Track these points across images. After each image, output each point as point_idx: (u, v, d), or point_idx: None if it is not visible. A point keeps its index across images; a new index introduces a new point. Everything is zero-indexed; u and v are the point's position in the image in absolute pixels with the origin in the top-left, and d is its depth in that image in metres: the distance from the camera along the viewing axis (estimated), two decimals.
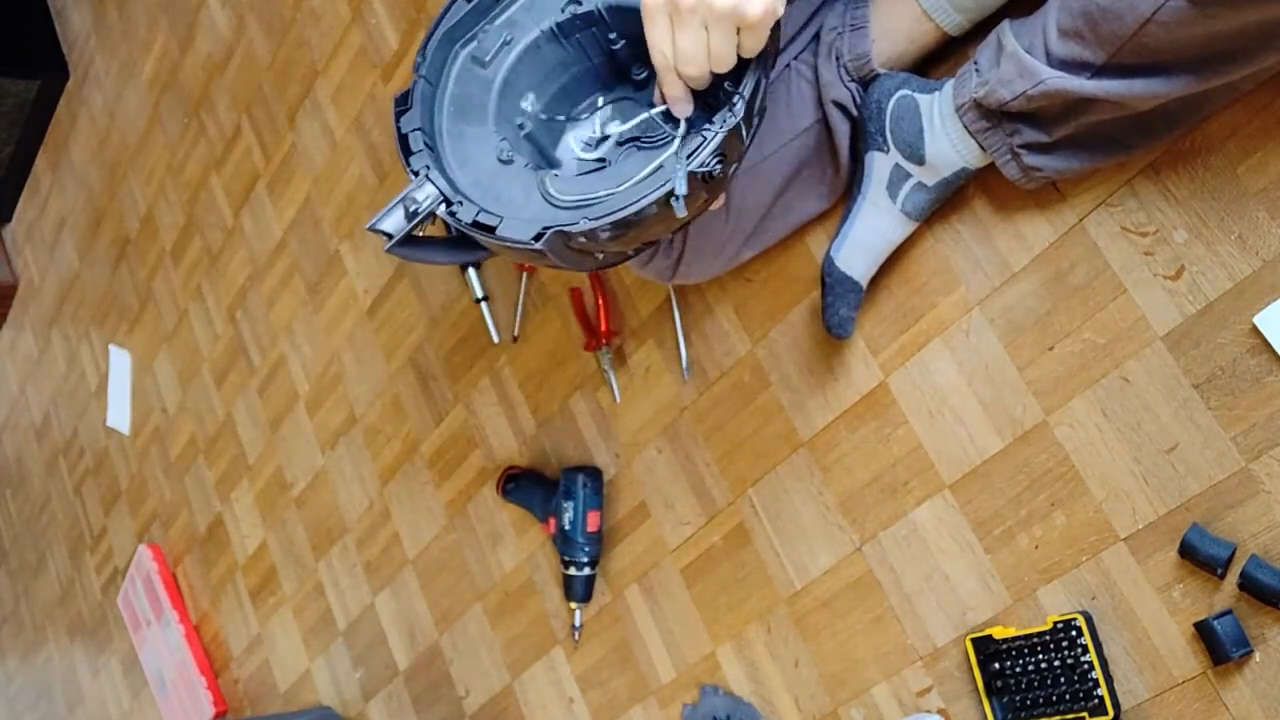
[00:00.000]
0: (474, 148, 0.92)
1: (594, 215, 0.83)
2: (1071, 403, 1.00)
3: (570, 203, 0.86)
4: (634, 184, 0.83)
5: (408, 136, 0.92)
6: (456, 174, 0.91)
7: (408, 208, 0.88)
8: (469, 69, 0.95)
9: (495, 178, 0.90)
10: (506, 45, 0.94)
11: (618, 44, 0.94)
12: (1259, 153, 0.90)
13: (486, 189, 0.90)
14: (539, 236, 0.83)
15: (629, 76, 0.97)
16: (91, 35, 2.39)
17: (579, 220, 0.83)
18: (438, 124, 0.94)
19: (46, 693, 2.80)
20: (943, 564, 1.09)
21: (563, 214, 0.86)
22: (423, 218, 0.88)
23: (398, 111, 0.93)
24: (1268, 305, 0.89)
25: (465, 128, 0.93)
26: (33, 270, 2.69)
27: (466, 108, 0.94)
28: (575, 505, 1.35)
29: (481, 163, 0.91)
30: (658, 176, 0.83)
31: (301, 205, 1.82)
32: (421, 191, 0.88)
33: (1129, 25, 0.79)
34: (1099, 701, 0.97)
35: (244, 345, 1.98)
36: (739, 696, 1.25)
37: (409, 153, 0.91)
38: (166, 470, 2.23)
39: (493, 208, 0.87)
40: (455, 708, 1.60)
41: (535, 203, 0.88)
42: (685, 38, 0.78)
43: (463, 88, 0.94)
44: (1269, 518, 0.90)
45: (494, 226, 0.85)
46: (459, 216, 0.87)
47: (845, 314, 1.06)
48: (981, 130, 0.95)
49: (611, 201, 0.83)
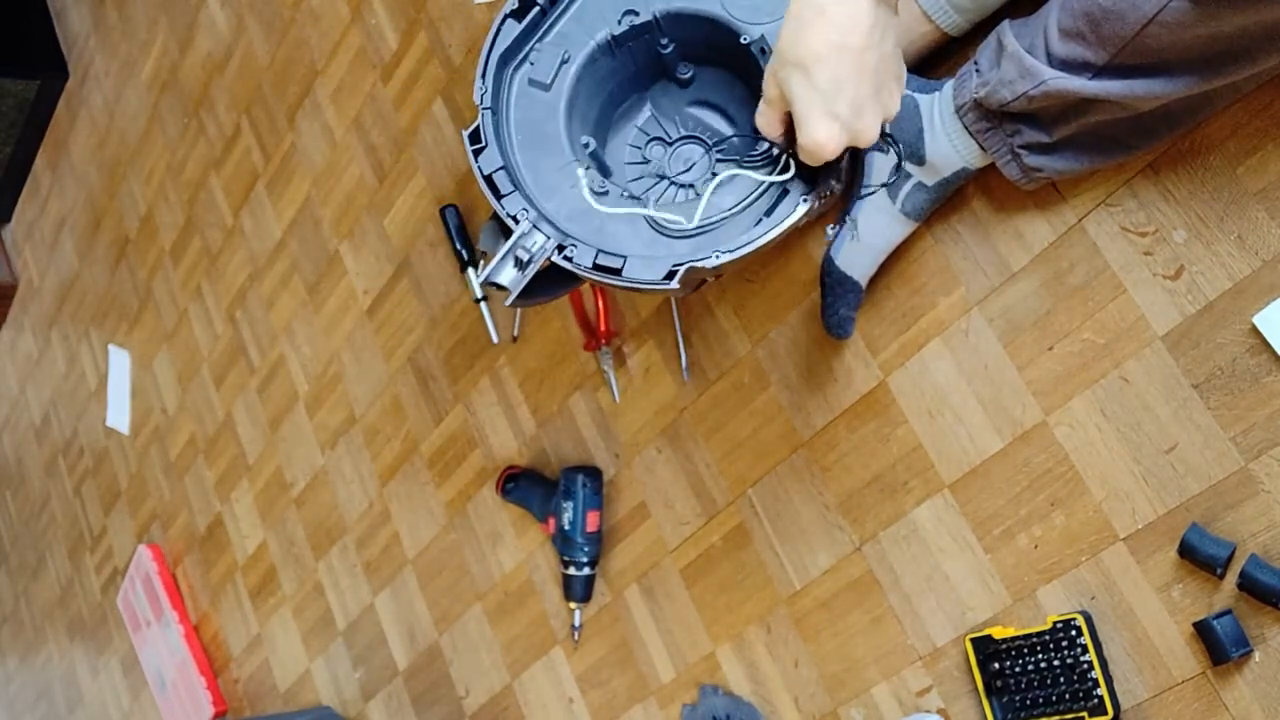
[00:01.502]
0: (556, 178, 0.89)
1: (729, 247, 0.80)
2: (1071, 403, 1.00)
3: (684, 231, 0.83)
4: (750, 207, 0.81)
5: (493, 178, 0.88)
6: (545, 207, 0.88)
7: (519, 257, 0.84)
8: (529, 93, 0.91)
9: (591, 211, 0.87)
10: (565, 64, 0.91)
11: (668, 48, 0.92)
12: (1259, 153, 0.90)
13: (584, 223, 0.86)
14: (671, 275, 0.80)
15: (672, 75, 0.95)
16: (91, 35, 2.39)
17: (712, 254, 0.80)
18: (510, 155, 0.90)
19: (46, 693, 2.80)
20: (942, 564, 1.09)
21: (678, 244, 0.83)
22: (538, 266, 0.84)
23: (474, 150, 0.89)
24: (1267, 305, 0.89)
25: (541, 157, 0.90)
26: (32, 270, 2.69)
27: (536, 135, 0.90)
28: (575, 505, 1.35)
29: (569, 194, 0.88)
30: (787, 202, 0.81)
31: (301, 205, 1.82)
32: (531, 239, 0.84)
33: (1131, 26, 0.79)
34: (1098, 701, 0.97)
35: (244, 345, 1.98)
36: (739, 696, 1.25)
37: (499, 195, 0.87)
38: (166, 470, 2.23)
39: (596, 242, 0.84)
40: (455, 708, 1.60)
41: (644, 233, 0.85)
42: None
43: (526, 113, 0.91)
44: (1268, 517, 0.90)
45: (618, 269, 0.82)
46: (576, 261, 0.84)
47: (845, 314, 1.06)
48: (982, 131, 0.95)
49: (731, 226, 0.81)
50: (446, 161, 1.55)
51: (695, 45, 0.92)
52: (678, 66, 0.95)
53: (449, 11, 1.54)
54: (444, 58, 1.54)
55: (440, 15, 1.55)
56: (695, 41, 0.92)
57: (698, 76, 0.95)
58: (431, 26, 1.56)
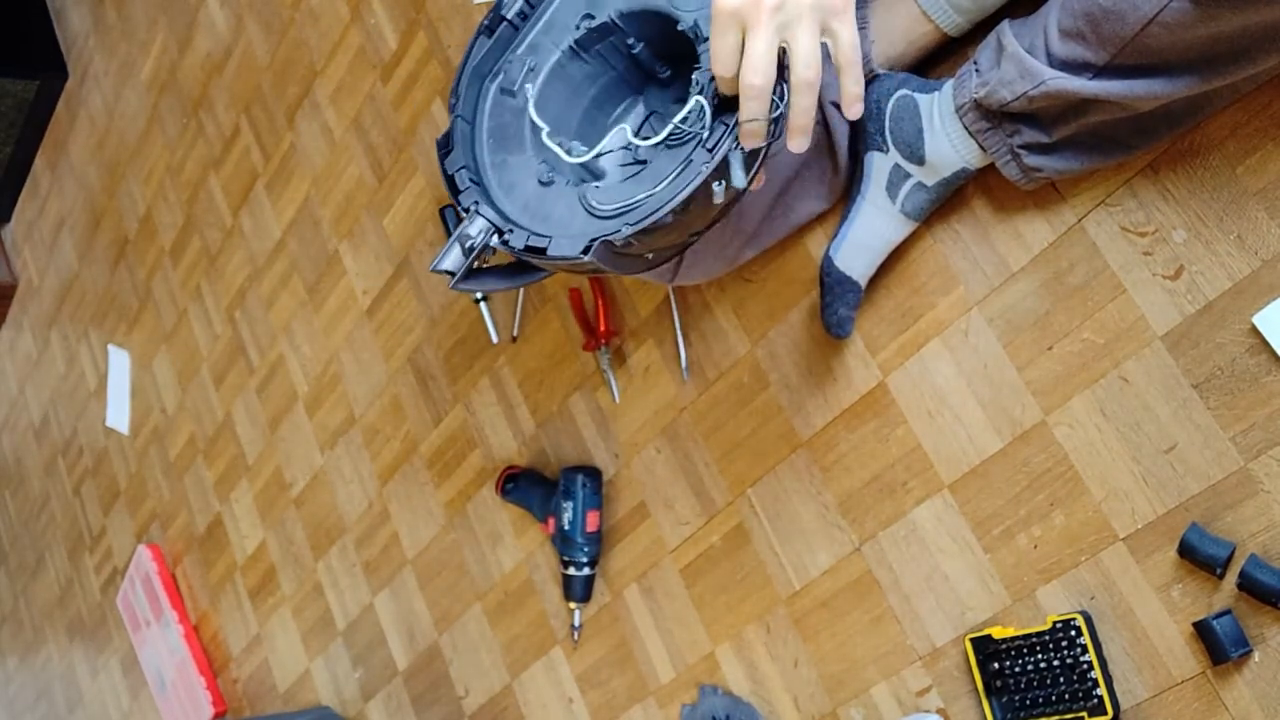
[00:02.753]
0: (517, 174, 0.95)
1: (633, 220, 0.85)
2: (1070, 403, 1.00)
3: (611, 211, 0.88)
4: (667, 184, 0.85)
5: (454, 176, 0.95)
6: (504, 203, 0.94)
7: (463, 244, 0.91)
8: (500, 101, 0.98)
9: (541, 200, 0.93)
10: (532, 71, 0.97)
11: (637, 48, 0.96)
12: (1258, 153, 0.90)
13: (535, 212, 0.93)
14: (587, 250, 0.85)
15: (655, 77, 0.99)
16: (90, 35, 2.39)
17: (620, 228, 0.85)
18: (480, 158, 0.97)
19: (46, 693, 2.80)
20: (942, 564, 1.09)
21: (607, 224, 0.88)
22: (479, 251, 0.91)
23: (441, 154, 0.96)
24: (1267, 305, 0.90)
25: (507, 156, 0.96)
26: (32, 270, 2.69)
27: (504, 137, 0.97)
28: (574, 505, 1.35)
29: (525, 187, 0.94)
30: (686, 173, 0.84)
31: (300, 205, 1.82)
32: (474, 226, 0.91)
33: (1131, 26, 0.79)
34: (1098, 701, 0.97)
35: (243, 345, 1.98)
36: (738, 696, 1.25)
37: (457, 191, 0.94)
38: (166, 470, 2.23)
39: (541, 229, 0.90)
40: (455, 708, 1.60)
41: (580, 217, 0.90)
42: (758, 43, 0.76)
43: (497, 119, 0.97)
44: (1268, 517, 0.90)
45: (544, 248, 0.88)
46: (512, 244, 0.90)
47: (844, 314, 1.06)
48: (981, 131, 0.95)
49: (648, 204, 0.85)
50: None
51: (658, 42, 0.96)
52: (655, 66, 0.98)
53: (448, 11, 1.54)
54: (443, 58, 1.54)
55: (440, 15, 1.55)
56: (655, 38, 0.95)
57: (675, 75, 0.99)
58: (431, 27, 1.56)
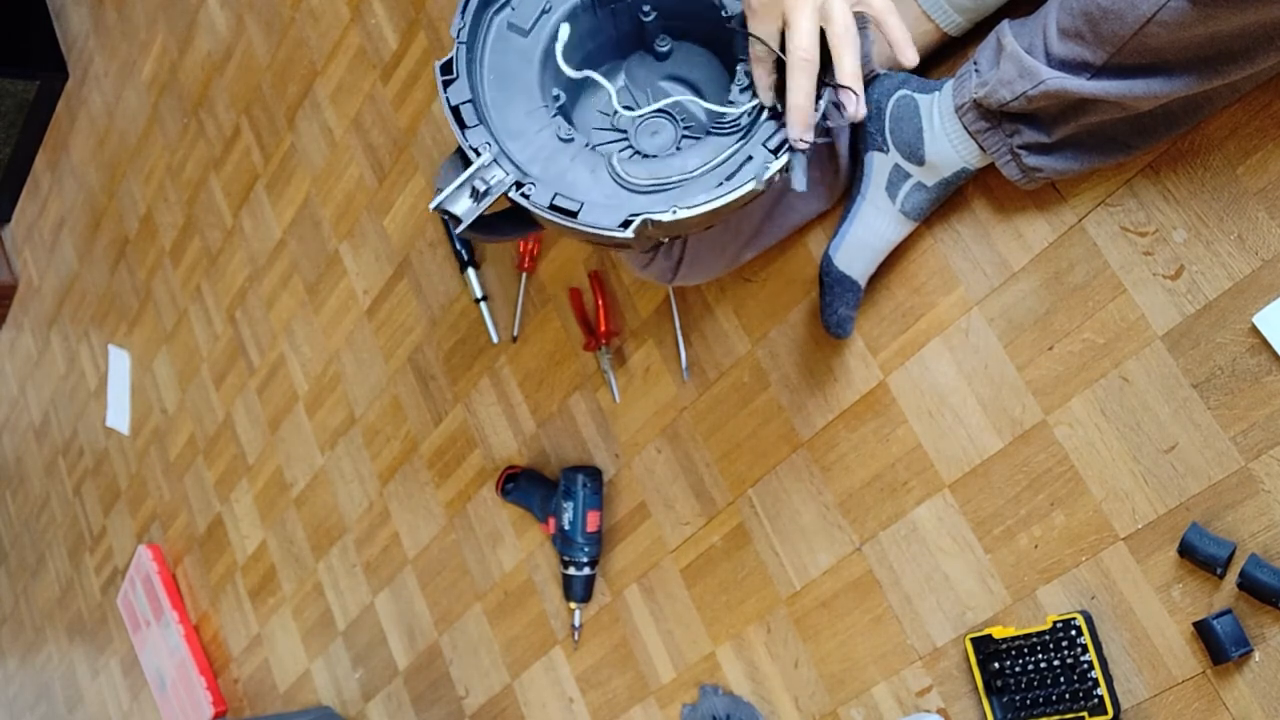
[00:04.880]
0: (524, 122, 0.88)
1: (687, 203, 0.80)
2: (1071, 402, 1.00)
3: (646, 186, 0.83)
4: (708, 169, 0.82)
5: (459, 109, 0.87)
6: (509, 147, 0.87)
7: (476, 188, 0.83)
8: (506, 37, 0.91)
9: (555, 155, 0.87)
10: (546, 13, 0.91)
11: (650, 15, 0.92)
12: (1258, 153, 0.90)
13: (546, 167, 0.86)
14: (627, 224, 0.80)
15: (650, 47, 0.95)
16: (90, 35, 2.39)
17: (670, 209, 0.80)
18: (479, 94, 0.89)
19: (46, 693, 2.80)
20: (942, 564, 1.09)
21: (639, 198, 0.83)
22: (494, 199, 0.84)
23: (444, 80, 0.88)
24: (1267, 305, 0.90)
25: (510, 99, 0.89)
26: (32, 270, 2.69)
27: (508, 78, 0.90)
28: (575, 505, 1.35)
29: (536, 138, 0.87)
30: (747, 164, 0.81)
31: (301, 205, 1.82)
32: (490, 172, 0.84)
33: (1130, 25, 0.79)
34: (1098, 701, 0.97)
35: (243, 345, 1.98)
36: (739, 696, 1.25)
37: (464, 126, 0.87)
38: (166, 470, 2.23)
39: (557, 187, 0.84)
40: (455, 708, 1.60)
41: (605, 184, 0.85)
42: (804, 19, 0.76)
43: (500, 57, 0.91)
44: (1268, 517, 0.90)
45: (575, 211, 0.82)
46: (533, 199, 0.83)
47: (844, 314, 1.06)
48: (981, 130, 0.95)
49: (694, 187, 0.81)
50: None
51: (677, 16, 0.92)
52: (657, 38, 0.94)
53: (449, 11, 1.54)
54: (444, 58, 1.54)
55: (440, 15, 1.55)
56: (677, 12, 0.92)
57: (675, 51, 0.95)
58: (431, 27, 1.56)
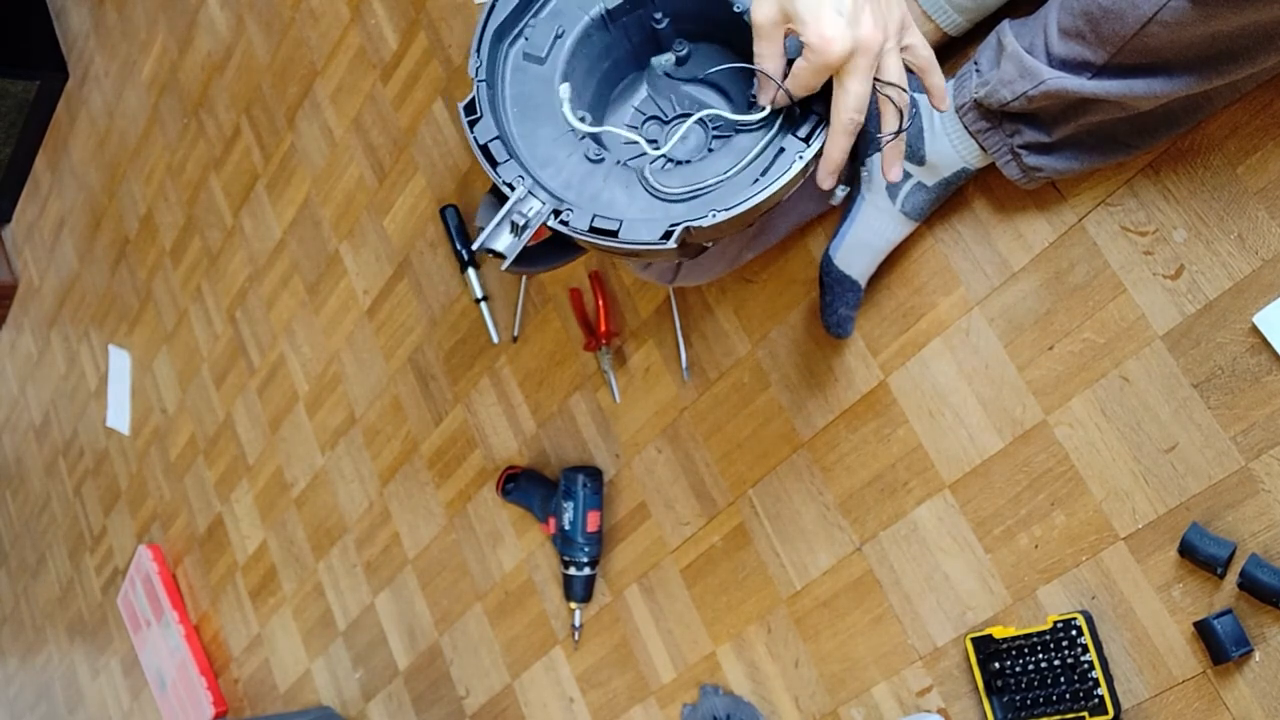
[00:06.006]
0: (553, 149, 0.89)
1: (724, 205, 0.80)
2: (1071, 402, 1.00)
3: (681, 194, 0.84)
4: (747, 169, 0.82)
5: (488, 147, 0.88)
6: (542, 176, 0.88)
7: (515, 222, 0.84)
8: (523, 67, 0.92)
9: (588, 177, 0.87)
10: (559, 38, 0.91)
11: (662, 22, 0.92)
12: (1259, 152, 0.90)
13: (581, 190, 0.87)
14: (668, 234, 0.80)
15: (668, 52, 0.95)
16: (91, 35, 2.39)
17: (708, 213, 0.80)
18: (505, 128, 0.90)
19: (46, 693, 2.80)
20: (943, 564, 1.09)
21: (676, 207, 0.84)
22: (533, 230, 0.84)
23: (469, 121, 0.89)
24: (1267, 304, 0.90)
25: (536, 128, 0.90)
26: (32, 270, 2.69)
27: (530, 107, 0.91)
28: (575, 505, 1.35)
29: (566, 163, 0.88)
30: (780, 157, 0.81)
31: (301, 205, 1.82)
32: (528, 204, 0.85)
33: (1130, 25, 0.79)
34: (1099, 701, 0.97)
35: (243, 345, 1.98)
36: (739, 696, 1.25)
37: (494, 163, 0.88)
38: (166, 470, 2.23)
39: (594, 209, 0.85)
40: (455, 708, 1.60)
41: (641, 198, 0.85)
42: (858, 83, 0.77)
43: (520, 87, 0.92)
44: (1269, 517, 0.90)
45: (615, 230, 0.83)
46: (573, 224, 0.84)
47: (844, 314, 1.06)
48: (982, 130, 0.95)
49: (729, 188, 0.81)
50: (446, 161, 1.55)
51: (689, 19, 0.92)
52: (673, 43, 0.94)
53: (449, 11, 1.54)
54: (444, 58, 1.54)
55: (440, 15, 1.55)
56: (689, 15, 0.92)
57: (693, 54, 0.95)
58: (431, 26, 1.56)
